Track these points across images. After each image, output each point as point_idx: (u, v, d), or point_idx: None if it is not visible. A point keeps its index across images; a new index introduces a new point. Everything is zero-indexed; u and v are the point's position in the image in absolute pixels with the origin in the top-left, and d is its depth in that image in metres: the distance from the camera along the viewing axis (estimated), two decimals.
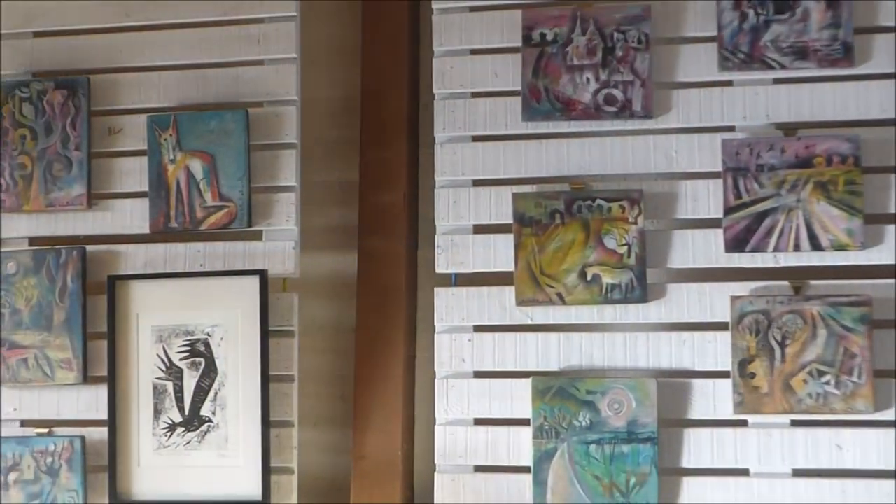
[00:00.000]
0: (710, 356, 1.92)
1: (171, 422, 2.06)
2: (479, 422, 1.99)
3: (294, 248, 2.07)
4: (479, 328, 2.01)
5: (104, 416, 2.09)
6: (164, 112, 2.13)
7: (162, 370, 2.08)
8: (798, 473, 1.87)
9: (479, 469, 1.99)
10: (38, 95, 2.16)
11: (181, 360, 2.07)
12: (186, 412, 2.06)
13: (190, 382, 2.06)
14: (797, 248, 1.87)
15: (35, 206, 2.15)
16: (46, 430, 2.12)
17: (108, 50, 2.18)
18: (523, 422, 1.96)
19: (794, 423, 1.87)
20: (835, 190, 1.87)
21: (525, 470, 1.95)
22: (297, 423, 2.04)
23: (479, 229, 2.02)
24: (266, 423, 2.01)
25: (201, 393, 2.06)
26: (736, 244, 1.90)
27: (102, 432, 2.09)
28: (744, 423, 1.89)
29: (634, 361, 1.95)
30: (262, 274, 2.04)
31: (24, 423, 2.14)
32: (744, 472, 1.89)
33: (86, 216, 2.15)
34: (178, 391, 2.07)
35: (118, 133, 2.17)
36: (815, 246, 1.87)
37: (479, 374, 2.00)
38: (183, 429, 2.06)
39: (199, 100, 2.14)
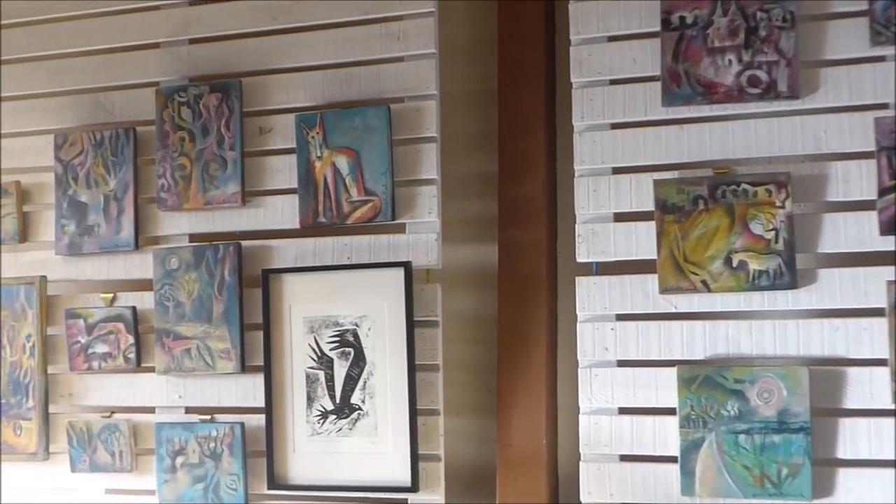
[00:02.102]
0: (865, 343, 1.84)
1: (323, 409, 2.14)
2: (623, 411, 1.98)
3: (436, 239, 2.11)
4: (621, 317, 1.99)
5: (261, 403, 2.18)
6: (310, 111, 2.20)
7: (314, 360, 2.15)
8: None
9: (625, 458, 1.98)
10: (195, 99, 2.26)
11: (331, 349, 2.14)
12: (337, 400, 2.13)
13: (340, 371, 2.13)
14: None
15: (194, 205, 2.25)
16: (209, 417, 2.22)
17: (258, 53, 2.26)
18: (669, 411, 1.93)
19: None
20: None
21: (672, 459, 1.93)
22: (442, 412, 2.08)
23: (620, 217, 2.00)
24: (413, 412, 2.05)
25: (351, 382, 2.12)
26: (891, 227, 1.81)
27: (260, 419, 2.18)
28: None
29: (784, 349, 1.89)
30: (407, 266, 2.08)
31: (188, 410, 2.25)
32: None
33: (240, 213, 2.24)
34: (330, 380, 2.14)
35: (269, 132, 2.25)
36: None
37: (622, 363, 1.99)
38: (335, 416, 2.13)
39: (343, 98, 2.19)
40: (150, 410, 2.28)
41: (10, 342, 2.36)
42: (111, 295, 2.31)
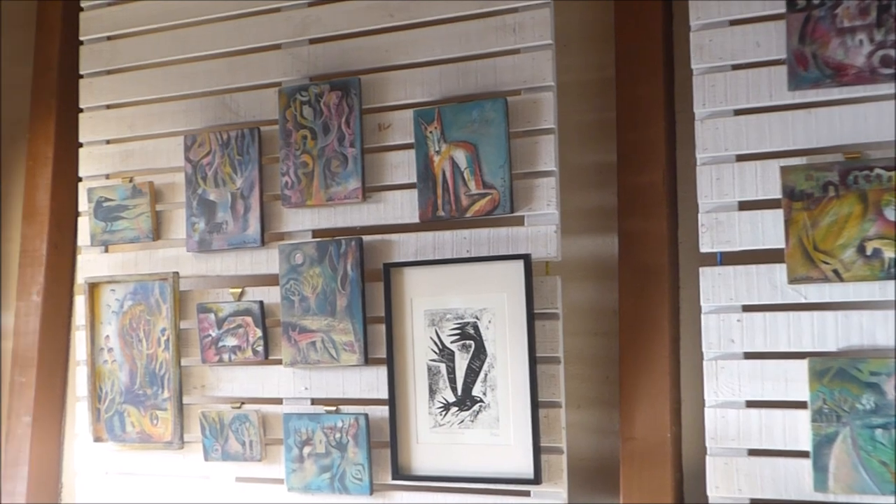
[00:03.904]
0: None
1: (445, 401, 2.16)
2: (750, 404, 1.93)
3: (555, 231, 2.10)
4: (748, 308, 1.94)
5: (384, 395, 2.21)
6: (428, 106, 2.21)
7: (435, 352, 2.17)
8: None
9: (753, 453, 1.93)
10: (316, 98, 2.31)
11: (452, 342, 2.16)
12: (459, 392, 2.14)
13: (461, 364, 2.14)
14: None
15: (317, 201, 2.30)
16: (334, 408, 2.27)
17: (376, 50, 2.29)
18: (799, 404, 1.88)
19: None
20: None
21: (803, 454, 1.87)
22: (564, 404, 2.07)
23: (745, 206, 1.95)
24: (535, 404, 2.05)
25: (472, 374, 2.13)
26: None
27: (383, 410, 2.21)
28: None
29: None
30: (526, 258, 2.08)
31: (314, 401, 2.31)
32: None
33: (361, 208, 2.28)
34: (451, 372, 2.15)
35: (387, 129, 2.27)
36: None
37: (749, 356, 1.94)
38: (456, 408, 2.14)
39: (460, 92, 2.20)
40: (278, 401, 2.34)
41: (146, 335, 2.46)
42: (239, 290, 2.39)
